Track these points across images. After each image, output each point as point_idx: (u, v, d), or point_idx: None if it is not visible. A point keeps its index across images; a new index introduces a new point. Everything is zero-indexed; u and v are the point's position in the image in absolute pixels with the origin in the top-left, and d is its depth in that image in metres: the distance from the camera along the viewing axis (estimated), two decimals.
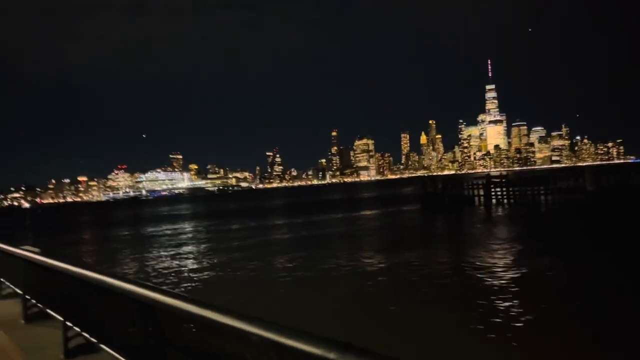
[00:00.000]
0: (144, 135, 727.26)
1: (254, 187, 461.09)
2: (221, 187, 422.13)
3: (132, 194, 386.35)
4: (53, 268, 5.70)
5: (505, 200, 55.07)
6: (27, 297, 7.46)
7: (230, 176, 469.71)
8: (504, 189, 57.34)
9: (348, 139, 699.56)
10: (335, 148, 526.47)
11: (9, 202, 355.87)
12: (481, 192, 57.91)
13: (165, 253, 32.16)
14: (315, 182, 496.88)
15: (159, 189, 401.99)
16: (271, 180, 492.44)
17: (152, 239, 43.64)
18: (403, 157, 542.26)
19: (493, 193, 56.84)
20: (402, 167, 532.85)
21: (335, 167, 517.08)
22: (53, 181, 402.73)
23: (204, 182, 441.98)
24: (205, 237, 41.77)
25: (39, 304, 7.12)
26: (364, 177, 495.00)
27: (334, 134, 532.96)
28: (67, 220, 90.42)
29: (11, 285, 8.92)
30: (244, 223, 54.69)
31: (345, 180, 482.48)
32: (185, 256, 29.96)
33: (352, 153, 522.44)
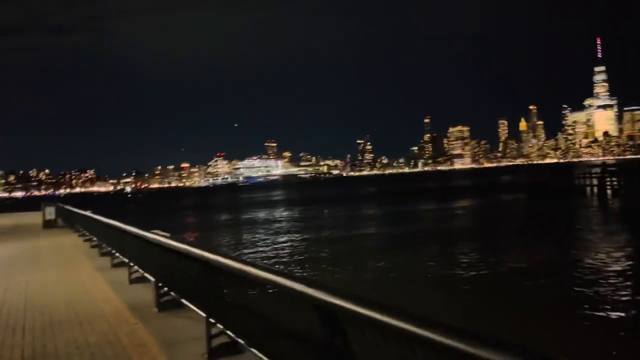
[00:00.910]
0: (235, 125, 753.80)
1: (344, 174, 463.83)
2: (313, 174, 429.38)
3: (230, 180, 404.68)
4: (191, 255, 5.31)
5: (623, 191, 50.28)
6: (159, 284, 7.37)
7: (322, 164, 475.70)
8: (621, 178, 52.52)
9: (442, 126, 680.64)
10: (428, 135, 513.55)
11: (121, 187, 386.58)
12: (594, 182, 53.57)
13: (267, 238, 32.66)
14: (406, 170, 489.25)
15: (255, 175, 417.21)
16: (361, 168, 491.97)
17: (253, 223, 44.79)
18: (500, 144, 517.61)
19: (609, 183, 52.23)
20: (499, 155, 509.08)
21: (427, 155, 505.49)
22: (159, 168, 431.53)
23: (297, 169, 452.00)
24: (304, 224, 42.06)
25: (172, 292, 7.03)
26: (458, 165, 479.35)
27: (426, 120, 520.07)
28: (169, 205, 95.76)
29: (139, 269, 8.98)
30: (339, 210, 54.60)
31: (438, 168, 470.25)
32: (293, 243, 30.16)
33: (445, 140, 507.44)
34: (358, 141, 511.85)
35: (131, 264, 9.50)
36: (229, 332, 4.81)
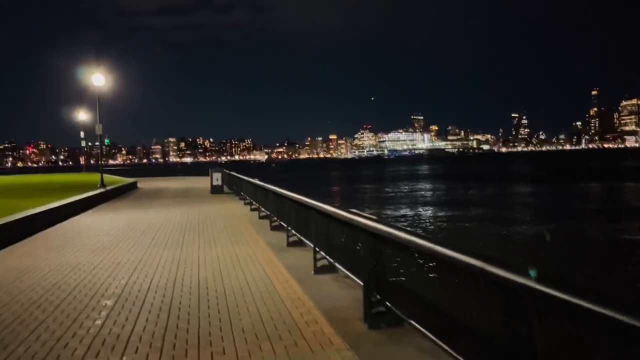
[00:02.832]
0: (372, 98, 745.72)
1: (495, 150, 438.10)
2: (461, 149, 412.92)
3: (375, 152, 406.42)
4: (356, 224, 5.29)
5: None
6: (316, 248, 7.36)
7: (471, 138, 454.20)
8: None
9: (612, 98, 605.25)
10: (595, 109, 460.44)
11: (275, 156, 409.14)
12: None
13: (412, 212, 30.19)
14: (567, 147, 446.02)
15: (400, 149, 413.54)
16: (515, 144, 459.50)
17: (396, 196, 42.56)
18: None
19: None
20: None
21: (593, 131, 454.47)
22: (309, 139, 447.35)
23: (443, 143, 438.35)
24: (450, 199, 38.67)
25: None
26: (631, 142, 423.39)
27: (594, 93, 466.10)
28: (318, 175, 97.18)
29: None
30: (488, 189, 49.76)
31: (605, 146, 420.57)
32: (441, 219, 27.39)
33: (616, 115, 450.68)
34: (513, 115, 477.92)
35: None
36: (387, 303, 4.80)
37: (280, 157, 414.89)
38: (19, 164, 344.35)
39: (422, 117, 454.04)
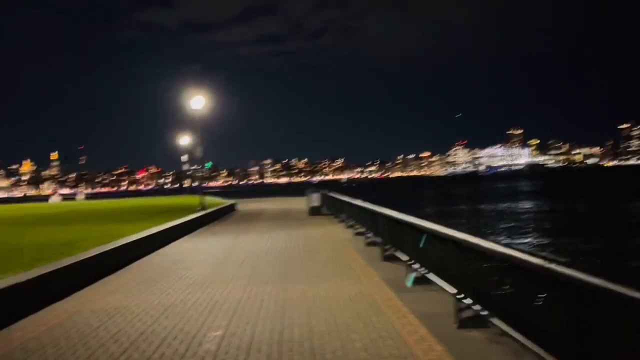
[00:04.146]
0: (459, 115, 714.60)
1: (603, 164, 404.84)
2: (565, 164, 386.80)
3: (470, 169, 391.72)
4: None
5: None
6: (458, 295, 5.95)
7: (575, 152, 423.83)
8: None
9: None
10: None
11: (366, 175, 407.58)
12: None
13: (508, 231, 26.94)
14: None
15: (497, 164, 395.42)
16: (626, 157, 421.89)
17: (494, 215, 38.99)
18: None
19: None
20: None
21: None
22: (400, 156, 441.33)
23: (544, 158, 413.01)
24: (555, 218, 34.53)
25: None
26: None
27: None
28: (409, 195, 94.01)
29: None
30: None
31: None
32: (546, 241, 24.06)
33: None
34: (622, 126, 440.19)
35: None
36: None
37: (369, 176, 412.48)
38: (132, 188, 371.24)
39: (520, 131, 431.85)
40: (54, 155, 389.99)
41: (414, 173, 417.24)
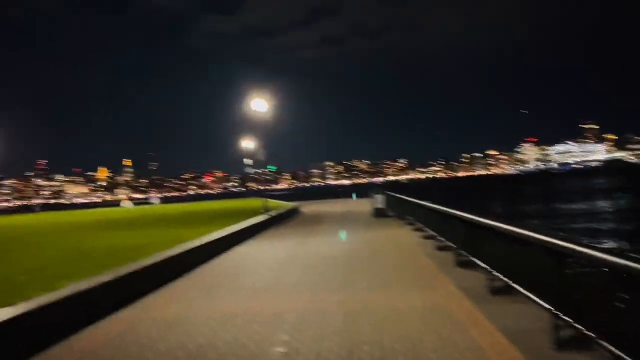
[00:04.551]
0: (522, 111, 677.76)
1: None
2: None
3: (540, 166, 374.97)
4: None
5: None
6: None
7: None
8: None
9: None
10: None
11: (428, 175, 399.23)
12: None
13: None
14: None
15: (569, 161, 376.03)
16: None
17: (571, 215, 36.36)
18: None
19: None
20: None
21: None
22: (466, 155, 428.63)
23: (623, 153, 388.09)
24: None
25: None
26: None
27: None
28: (472, 194, 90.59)
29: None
30: None
31: None
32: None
33: None
34: None
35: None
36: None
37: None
38: (200, 191, 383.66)
39: (595, 126, 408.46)
40: (127, 162, 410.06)
41: (481, 172, 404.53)
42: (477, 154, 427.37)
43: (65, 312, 6.80)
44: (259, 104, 24.82)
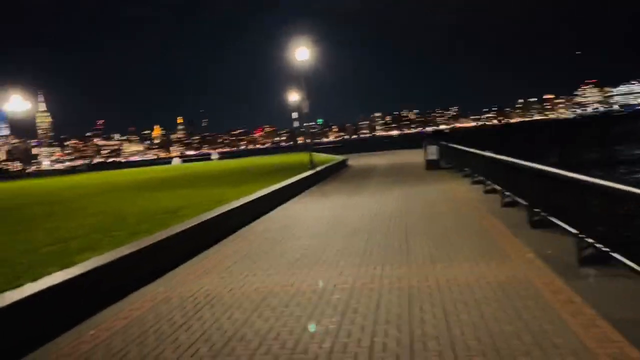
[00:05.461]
0: (577, 52, 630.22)
1: None
2: None
3: (601, 109, 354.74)
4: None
5: None
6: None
7: None
8: None
9: None
10: None
11: (483, 122, 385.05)
12: None
13: None
14: None
15: (634, 102, 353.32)
16: None
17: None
18: None
19: None
20: None
21: None
22: (520, 101, 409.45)
23: None
24: None
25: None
26: None
27: None
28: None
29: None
30: None
31: None
32: None
33: None
34: None
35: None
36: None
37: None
38: (250, 147, 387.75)
39: None
40: (180, 119, 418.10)
41: (537, 118, 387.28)
42: (532, 99, 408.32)
43: (83, 291, 6.01)
44: (301, 52, 23.38)
